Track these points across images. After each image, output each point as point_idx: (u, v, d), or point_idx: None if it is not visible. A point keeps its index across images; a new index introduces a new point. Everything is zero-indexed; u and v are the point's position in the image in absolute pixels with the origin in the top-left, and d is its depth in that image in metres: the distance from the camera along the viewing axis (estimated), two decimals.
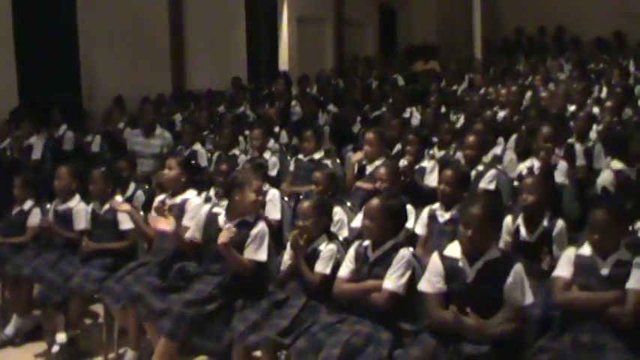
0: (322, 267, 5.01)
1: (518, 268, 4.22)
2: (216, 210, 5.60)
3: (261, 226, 5.37)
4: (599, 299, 4.20)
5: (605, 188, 6.45)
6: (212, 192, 6.95)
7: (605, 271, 4.26)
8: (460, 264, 4.31)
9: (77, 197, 6.55)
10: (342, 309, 4.77)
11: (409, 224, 5.72)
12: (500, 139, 8.59)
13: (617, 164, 6.69)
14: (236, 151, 8.71)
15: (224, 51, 15.29)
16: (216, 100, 13.26)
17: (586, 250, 4.37)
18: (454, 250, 4.38)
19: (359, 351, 4.36)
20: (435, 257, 4.44)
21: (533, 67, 15.29)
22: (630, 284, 4.15)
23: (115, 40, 12.89)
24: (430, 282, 4.38)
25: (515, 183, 6.61)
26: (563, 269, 4.39)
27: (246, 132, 9.79)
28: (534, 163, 6.90)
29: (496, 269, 4.23)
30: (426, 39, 20.06)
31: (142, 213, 6.47)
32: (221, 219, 5.45)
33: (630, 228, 5.09)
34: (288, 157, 8.44)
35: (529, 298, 4.23)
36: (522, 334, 4.30)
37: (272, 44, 17.57)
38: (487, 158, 7.37)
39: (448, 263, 4.36)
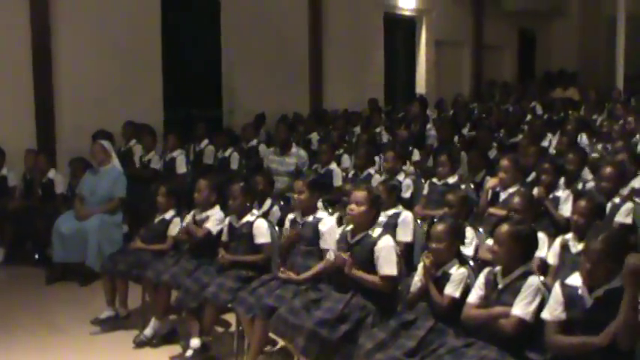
0: (452, 290, 5.02)
1: None
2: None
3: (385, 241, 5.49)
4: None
5: None
6: None
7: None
8: (580, 292, 4.30)
9: (217, 207, 6.86)
10: (469, 334, 4.77)
11: (542, 253, 5.71)
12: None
13: None
14: (371, 171, 8.81)
15: (362, 72, 15.52)
16: (352, 121, 13.42)
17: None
18: (576, 279, 4.37)
19: None
20: (556, 286, 4.45)
21: None
22: None
23: (255, 58, 13.28)
24: (550, 309, 4.40)
25: None
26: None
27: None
28: None
29: (616, 298, 4.15)
30: (565, 65, 19.71)
31: (277, 228, 6.67)
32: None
33: None
34: (422, 180, 8.48)
35: None
36: None
37: (410, 67, 17.71)
38: (625, 190, 7.19)
39: (567, 290, 4.35)
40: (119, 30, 11.26)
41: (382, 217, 6.65)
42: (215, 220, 6.76)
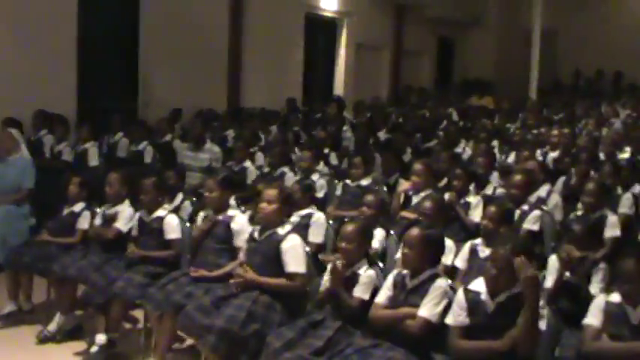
0: (361, 292, 5.05)
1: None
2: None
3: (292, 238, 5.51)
4: (628, 349, 4.20)
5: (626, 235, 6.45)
6: None
7: (635, 320, 4.26)
8: (482, 297, 4.38)
9: (127, 202, 6.74)
10: (377, 334, 4.79)
11: (449, 258, 5.80)
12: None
13: None
14: (285, 170, 8.81)
15: (281, 71, 15.49)
16: (269, 119, 13.40)
17: (616, 297, 4.38)
18: (479, 284, 4.44)
19: None
20: (460, 291, 4.53)
21: (588, 111, 15.24)
22: None
23: (174, 52, 13.11)
24: (453, 314, 4.47)
25: None
26: (594, 317, 4.40)
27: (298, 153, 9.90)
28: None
29: (517, 303, 4.25)
30: (482, 74, 20.10)
31: (188, 225, 6.59)
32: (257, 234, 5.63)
33: None
34: (336, 181, 8.51)
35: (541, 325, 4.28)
36: None
37: (329, 68, 17.74)
38: (533, 198, 7.36)
39: (470, 296, 4.43)
40: (31, 16, 10.93)
41: (295, 217, 6.69)
42: (124, 217, 6.64)
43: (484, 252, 5.64)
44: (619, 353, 4.23)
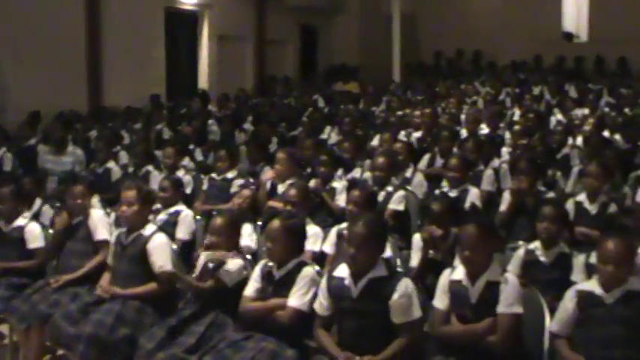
0: (222, 274, 5.05)
1: (404, 284, 4.33)
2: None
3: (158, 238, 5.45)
4: (472, 332, 4.28)
5: (473, 205, 6.66)
6: None
7: (473, 299, 4.33)
8: (346, 282, 4.41)
9: None
10: (248, 327, 4.79)
11: (317, 245, 5.85)
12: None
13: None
14: (150, 168, 8.68)
15: (143, 68, 15.22)
16: (133, 117, 13.15)
17: (459, 273, 4.44)
18: (342, 270, 4.47)
19: None
20: (323, 279, 4.57)
21: (450, 90, 15.65)
22: (500, 308, 4.23)
23: (28, 55, 12.72)
24: (318, 301, 4.52)
25: None
26: (439, 300, 4.46)
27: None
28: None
29: (381, 286, 4.33)
30: (347, 60, 20.32)
31: (51, 231, 6.40)
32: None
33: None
34: (202, 176, 8.44)
35: (417, 312, 4.34)
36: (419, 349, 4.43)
37: (192, 62, 17.54)
38: (398, 179, 7.50)
39: (335, 283, 4.47)
40: None
41: (163, 215, 6.62)
42: None
43: None
44: (462, 336, 4.32)
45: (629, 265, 4.27)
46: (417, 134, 10.41)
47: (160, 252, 5.38)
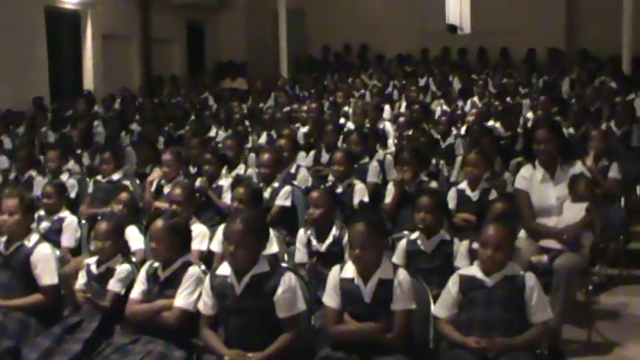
0: (116, 286, 5.02)
1: (287, 278, 4.36)
2: None
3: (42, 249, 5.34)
4: (368, 331, 4.33)
5: (362, 202, 6.77)
6: None
7: (368, 298, 4.35)
8: (229, 280, 4.41)
9: None
10: (136, 330, 4.75)
11: (204, 244, 5.85)
12: (302, 155, 8.87)
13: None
14: (32, 173, 8.47)
15: (24, 70, 14.72)
16: (15, 121, 12.79)
17: (349, 271, 4.45)
18: (225, 268, 4.48)
19: None
20: (207, 278, 4.57)
21: (338, 84, 15.79)
22: (395, 306, 4.30)
23: None
24: (202, 301, 4.52)
25: None
26: (330, 298, 4.46)
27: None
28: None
29: (264, 283, 4.35)
30: (234, 57, 20.23)
31: None
32: None
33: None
34: (87, 179, 8.29)
35: (301, 306, 4.39)
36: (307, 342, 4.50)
37: (76, 62, 17.11)
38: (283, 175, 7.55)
39: (218, 281, 4.46)
40: None
41: (47, 222, 6.50)
42: None
43: None
44: (359, 335, 4.36)
45: (508, 249, 4.44)
46: (304, 129, 10.48)
47: (44, 264, 5.27)
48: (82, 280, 5.22)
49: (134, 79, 18.52)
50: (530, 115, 10.88)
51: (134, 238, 5.98)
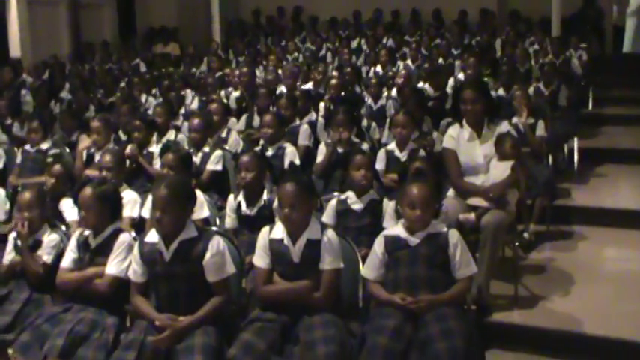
0: (45, 256, 5.02)
1: (215, 242, 4.38)
2: None
3: None
4: (296, 290, 4.38)
5: (292, 163, 6.85)
6: None
7: (296, 258, 4.41)
8: (157, 246, 4.42)
9: None
10: (67, 299, 4.75)
11: (135, 210, 5.82)
12: (234, 119, 8.85)
13: None
14: None
15: None
16: None
17: (278, 232, 4.50)
18: (153, 235, 4.48)
19: (84, 338, 4.37)
20: (136, 245, 4.57)
21: (270, 48, 15.71)
22: (322, 265, 4.37)
23: None
24: (132, 268, 4.52)
25: None
26: (260, 258, 4.51)
27: None
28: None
29: (192, 247, 4.36)
30: (166, 22, 19.95)
31: None
32: None
33: None
34: (15, 149, 8.16)
35: (230, 269, 4.42)
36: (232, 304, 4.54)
37: (1, 29, 16.67)
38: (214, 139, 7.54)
39: (146, 248, 4.47)
40: None
41: None
42: None
43: None
44: (287, 294, 4.42)
45: (431, 208, 4.51)
46: (236, 93, 10.44)
47: None
48: (9, 255, 5.20)
49: (64, 45, 18.12)
50: (461, 75, 10.96)
51: (69, 209, 5.93)
